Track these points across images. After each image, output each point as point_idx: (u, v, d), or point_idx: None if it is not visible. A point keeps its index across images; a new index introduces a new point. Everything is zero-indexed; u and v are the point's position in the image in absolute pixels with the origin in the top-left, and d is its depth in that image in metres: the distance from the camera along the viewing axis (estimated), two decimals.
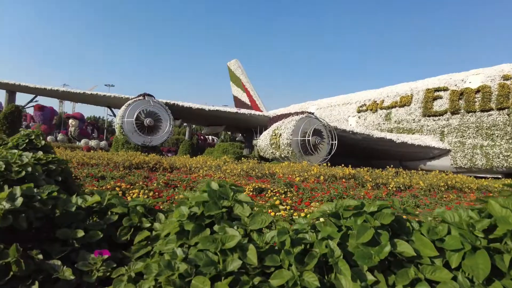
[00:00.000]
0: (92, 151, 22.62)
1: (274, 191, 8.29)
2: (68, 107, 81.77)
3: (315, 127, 21.96)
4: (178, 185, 8.75)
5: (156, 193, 7.06)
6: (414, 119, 25.86)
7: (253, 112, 28.37)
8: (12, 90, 27.23)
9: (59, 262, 1.15)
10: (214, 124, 35.36)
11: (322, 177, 11.76)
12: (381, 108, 28.73)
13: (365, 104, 29.90)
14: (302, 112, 23.57)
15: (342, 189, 8.74)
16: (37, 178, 1.86)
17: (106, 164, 12.13)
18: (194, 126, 51.34)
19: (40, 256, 1.12)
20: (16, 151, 1.90)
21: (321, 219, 1.35)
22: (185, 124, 42.51)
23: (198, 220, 1.22)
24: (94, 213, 1.46)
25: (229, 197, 1.28)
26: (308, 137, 21.54)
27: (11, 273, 1.01)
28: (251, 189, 8.17)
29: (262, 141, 24.16)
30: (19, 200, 1.22)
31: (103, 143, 31.26)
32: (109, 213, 1.44)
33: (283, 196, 7.81)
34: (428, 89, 24.81)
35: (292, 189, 8.87)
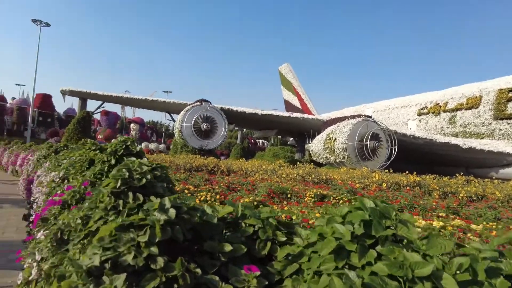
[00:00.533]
0: (152, 153, 23.93)
1: (336, 198, 8.00)
2: (129, 112, 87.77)
3: (373, 131, 21.08)
4: (239, 188, 8.83)
5: (222, 196, 7.18)
6: (483, 123, 23.73)
7: (305, 115, 28.06)
8: (84, 97, 29.92)
9: (217, 278, 1.14)
10: (266, 128, 35.51)
11: (384, 184, 11.21)
12: (445, 111, 26.79)
13: (426, 107, 28.10)
14: (359, 115, 22.76)
15: (411, 198, 8.20)
16: (156, 185, 1.92)
17: (168, 166, 12.68)
18: (245, 130, 52.10)
19: (199, 271, 1.12)
20: (134, 158, 2.00)
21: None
22: (236, 128, 43.33)
23: (359, 240, 1.14)
24: (227, 225, 1.45)
25: (391, 216, 1.18)
26: (365, 141, 20.74)
27: (175, 286, 1.02)
28: (312, 196, 7.97)
29: (315, 145, 23.73)
30: (172, 212, 1.24)
31: (161, 146, 32.92)
32: (243, 225, 1.42)
33: (347, 203, 7.51)
34: (501, 89, 22.61)
35: (356, 196, 8.50)
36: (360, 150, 20.89)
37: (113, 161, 3.24)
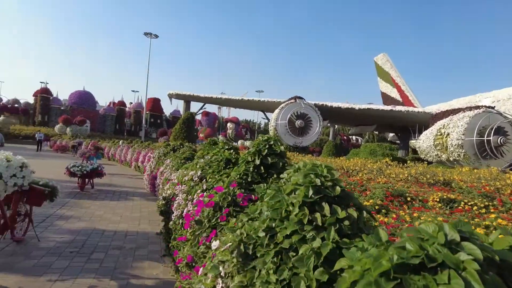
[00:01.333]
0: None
1: (469, 204, 6.79)
2: (224, 112, 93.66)
3: (498, 124, 18.01)
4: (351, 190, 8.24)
5: None
6: None
7: (410, 109, 25.54)
8: (188, 100, 32.67)
9: None
10: (364, 124, 33.55)
11: None
12: None
13: None
14: (477, 107, 19.71)
15: None
16: (351, 195, 1.63)
17: None
18: (337, 126, 50.30)
19: None
20: (319, 162, 1.77)
21: None
22: (328, 124, 42.02)
23: None
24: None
25: None
26: (487, 136, 17.84)
27: None
28: (437, 200, 6.93)
29: (423, 141, 21.37)
30: (475, 249, 0.90)
31: None
32: None
33: (483, 211, 6.32)
34: None
35: (495, 202, 7.12)
36: (480, 147, 18.09)
37: (257, 161, 3.12)
